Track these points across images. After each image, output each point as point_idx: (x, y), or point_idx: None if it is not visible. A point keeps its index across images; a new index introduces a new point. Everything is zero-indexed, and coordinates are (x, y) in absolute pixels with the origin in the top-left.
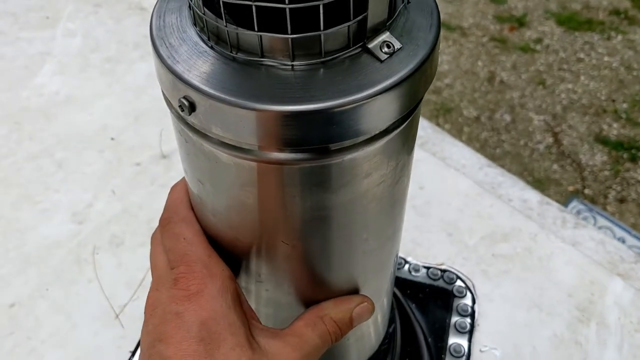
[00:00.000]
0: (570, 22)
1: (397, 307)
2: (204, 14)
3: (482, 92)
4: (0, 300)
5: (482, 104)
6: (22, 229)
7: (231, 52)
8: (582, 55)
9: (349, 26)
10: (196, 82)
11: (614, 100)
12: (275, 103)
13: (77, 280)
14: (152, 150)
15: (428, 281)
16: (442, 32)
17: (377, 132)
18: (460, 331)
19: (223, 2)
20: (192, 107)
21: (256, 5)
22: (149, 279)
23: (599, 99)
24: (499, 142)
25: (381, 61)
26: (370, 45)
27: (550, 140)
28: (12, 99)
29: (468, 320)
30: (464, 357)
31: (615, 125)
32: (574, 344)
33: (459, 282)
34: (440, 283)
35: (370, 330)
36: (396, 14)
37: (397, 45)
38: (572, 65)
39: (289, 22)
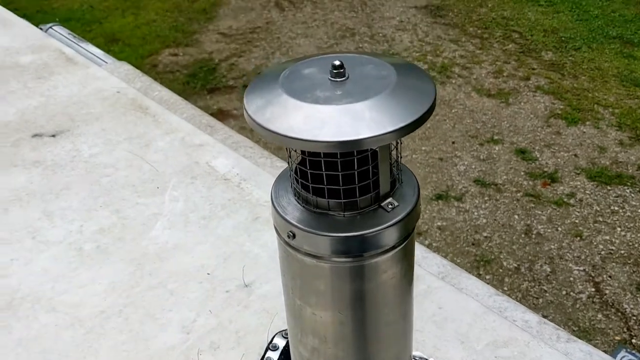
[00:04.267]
0: (601, 176)
1: None
2: (301, 191)
3: (520, 244)
4: None
5: (521, 255)
6: (147, 338)
7: (313, 208)
8: (616, 208)
9: (371, 195)
10: (296, 223)
11: None
12: (335, 232)
13: None
14: (237, 282)
15: None
16: (477, 188)
17: (389, 247)
18: None
19: (312, 187)
20: (294, 236)
21: (327, 188)
22: None
23: (637, 250)
24: (540, 292)
25: (388, 212)
26: (382, 204)
27: (592, 290)
28: (136, 247)
29: None
30: None
31: None
32: None
33: None
34: None
35: None
36: (395, 188)
37: (396, 204)
38: (607, 218)
39: (342, 194)
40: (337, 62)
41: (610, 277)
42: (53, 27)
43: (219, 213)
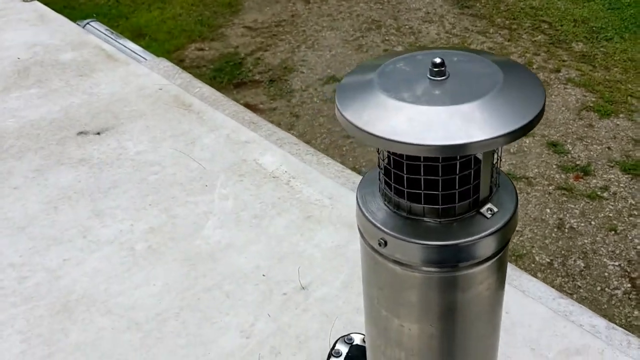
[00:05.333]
0: (636, 169)
1: None
2: (393, 196)
3: (553, 239)
4: None
5: (554, 250)
6: (205, 342)
7: (406, 214)
8: None
9: (470, 201)
10: (389, 230)
11: None
12: (431, 240)
13: None
14: (294, 284)
15: None
16: None
17: (486, 257)
18: None
19: (407, 192)
20: (385, 244)
21: (424, 193)
22: None
23: None
24: (574, 288)
25: (487, 218)
26: (481, 210)
27: (627, 285)
28: (188, 246)
29: None
30: None
31: None
32: None
33: None
34: None
35: None
36: (493, 193)
37: (495, 210)
38: None
39: (440, 200)
40: (437, 60)
41: None
42: (90, 23)
43: (269, 212)
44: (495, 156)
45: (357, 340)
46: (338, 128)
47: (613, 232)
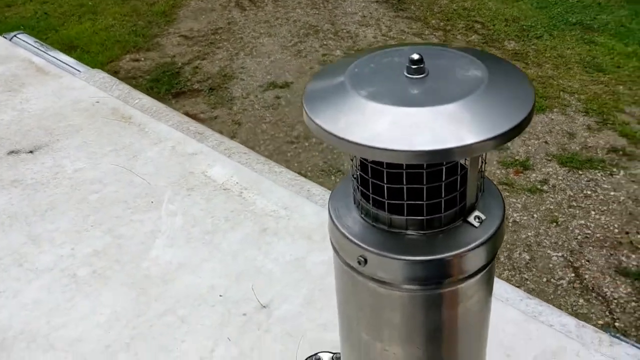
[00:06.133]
0: (572, 162)
1: None
2: (371, 208)
3: None
4: None
5: None
6: None
7: (387, 228)
8: (588, 192)
9: (456, 210)
10: (370, 247)
11: (627, 233)
12: (417, 255)
13: None
14: (253, 303)
15: None
16: None
17: (476, 269)
18: None
19: (388, 203)
20: (365, 261)
21: (407, 203)
22: None
23: (612, 232)
24: (522, 280)
25: (476, 227)
26: (468, 219)
27: (571, 275)
28: (136, 269)
29: None
30: None
31: (633, 256)
32: None
33: None
34: None
35: None
36: (478, 199)
37: (483, 217)
38: (581, 202)
39: (425, 211)
40: (415, 56)
41: (588, 261)
42: (17, 36)
43: (222, 226)
44: (481, 159)
45: (326, 359)
46: (281, 134)
47: (554, 224)
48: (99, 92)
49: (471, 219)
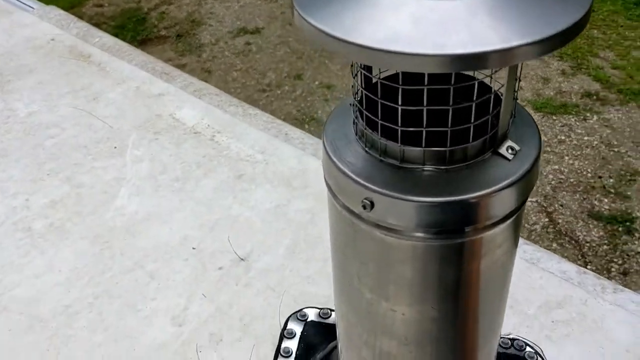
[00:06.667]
0: (547, 107)
1: None
2: (379, 139)
3: None
4: None
5: None
6: (129, 335)
7: (399, 162)
8: (562, 137)
9: (485, 138)
10: (378, 187)
11: (600, 177)
12: (437, 196)
13: None
14: (230, 255)
15: (500, 350)
16: None
17: (506, 214)
18: None
19: (401, 131)
20: (372, 205)
21: (426, 130)
22: None
23: (585, 177)
24: None
25: (509, 160)
26: (499, 150)
27: (545, 220)
28: (99, 221)
29: None
30: None
31: (605, 200)
32: None
33: (528, 349)
34: (512, 351)
35: None
36: (510, 126)
37: (517, 147)
38: (555, 147)
39: (449, 139)
40: None
41: (561, 206)
42: None
43: (194, 173)
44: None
45: (312, 315)
46: (252, 82)
47: None
48: (55, 29)
49: (503, 150)
